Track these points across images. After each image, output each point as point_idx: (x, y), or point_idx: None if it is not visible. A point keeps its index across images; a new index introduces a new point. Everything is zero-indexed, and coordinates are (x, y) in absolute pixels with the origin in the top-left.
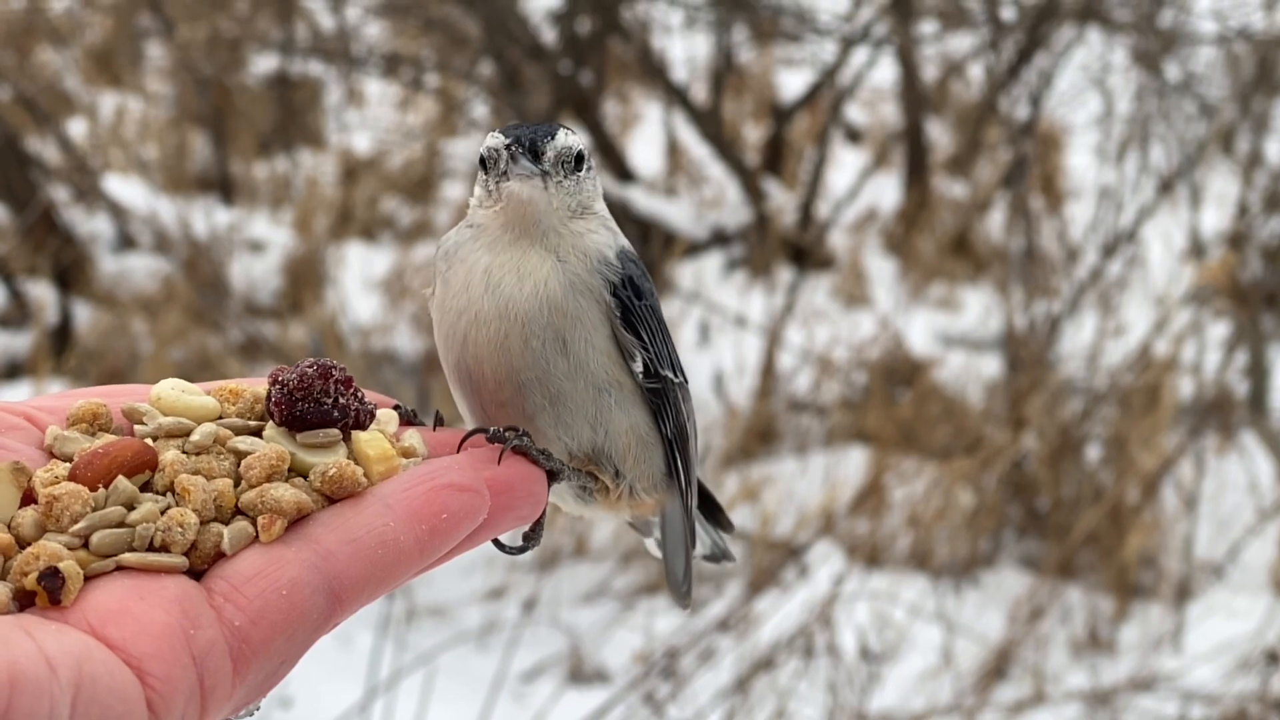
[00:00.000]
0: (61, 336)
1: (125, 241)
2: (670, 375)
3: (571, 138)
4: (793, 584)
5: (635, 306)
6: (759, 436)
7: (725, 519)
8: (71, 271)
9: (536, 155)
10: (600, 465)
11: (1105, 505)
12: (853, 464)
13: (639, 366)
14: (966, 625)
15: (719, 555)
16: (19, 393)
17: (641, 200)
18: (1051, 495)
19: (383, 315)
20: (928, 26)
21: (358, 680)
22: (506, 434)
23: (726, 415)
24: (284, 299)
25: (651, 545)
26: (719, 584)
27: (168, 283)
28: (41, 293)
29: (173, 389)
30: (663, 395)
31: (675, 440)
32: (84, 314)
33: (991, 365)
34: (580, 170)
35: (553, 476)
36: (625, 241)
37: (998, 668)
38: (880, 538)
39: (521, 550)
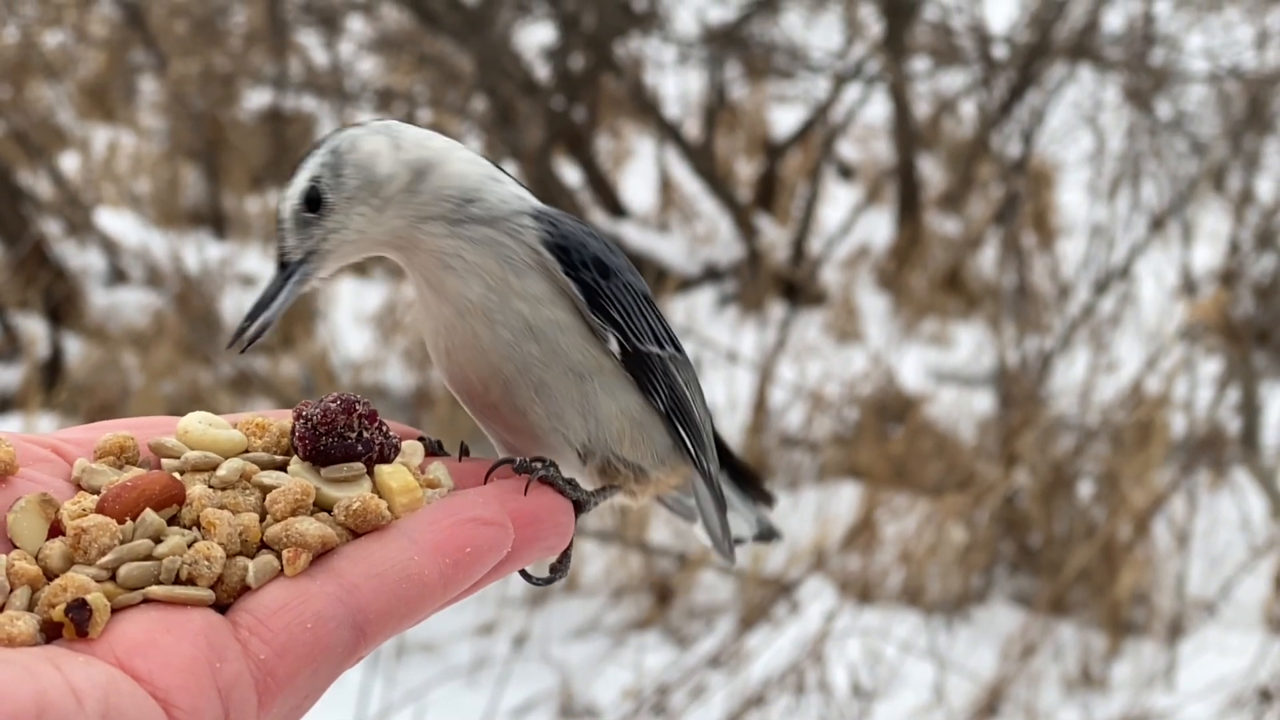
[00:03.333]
0: (52, 370)
1: (117, 275)
2: (655, 350)
3: (293, 184)
4: (784, 620)
5: (602, 287)
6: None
7: (766, 493)
8: (63, 305)
9: (284, 262)
10: (612, 469)
11: (1097, 542)
12: (844, 500)
13: (613, 347)
14: (958, 662)
15: (766, 534)
16: (9, 426)
17: (634, 236)
18: (1044, 532)
19: (374, 350)
20: (920, 64)
21: (347, 716)
22: (534, 464)
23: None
24: (275, 333)
25: (699, 530)
26: (710, 620)
27: (159, 317)
28: (32, 327)
29: (200, 422)
30: (648, 371)
31: (673, 413)
32: (75, 348)
33: (983, 401)
34: (317, 210)
35: (579, 507)
36: (537, 205)
37: (990, 705)
38: (872, 574)
39: (549, 581)
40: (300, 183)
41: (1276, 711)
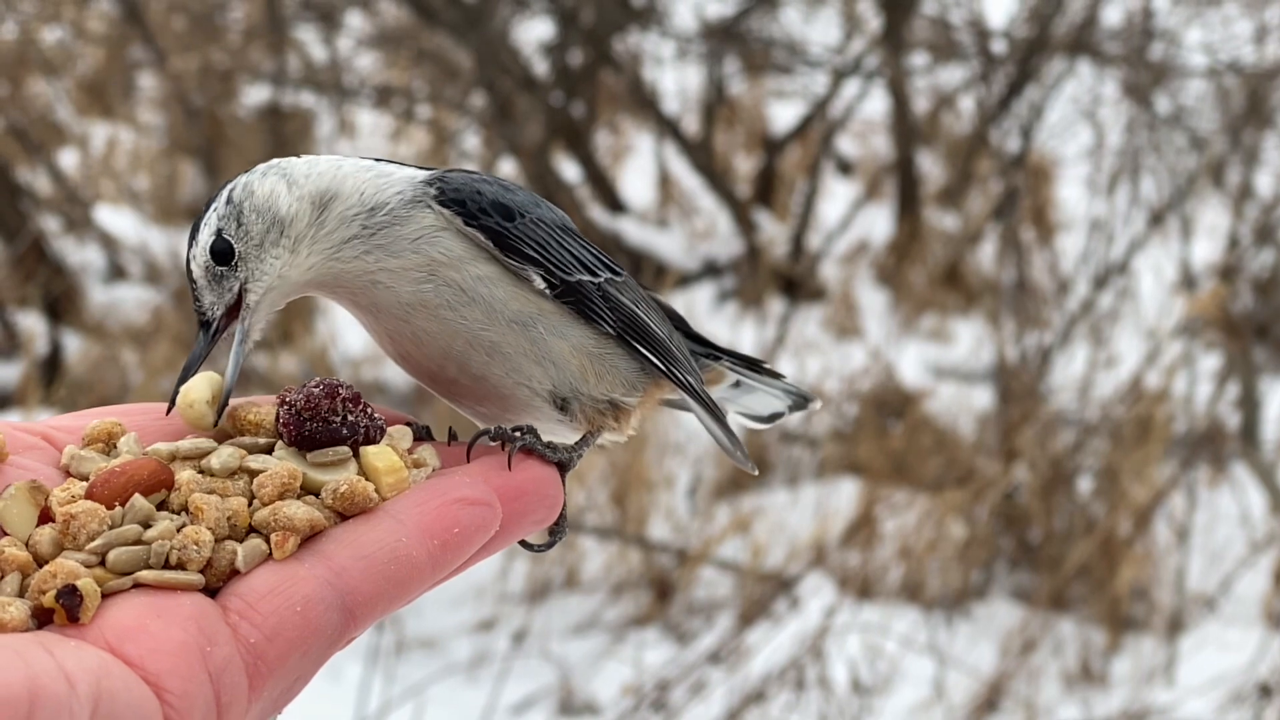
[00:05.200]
0: (51, 367)
1: (116, 272)
2: (586, 278)
3: (198, 242)
4: (784, 616)
5: (508, 229)
6: None
7: (773, 371)
8: (62, 302)
9: (205, 320)
10: (589, 409)
11: (1097, 537)
12: (844, 496)
13: (539, 284)
14: (958, 657)
15: (801, 402)
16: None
17: (633, 231)
18: (1043, 527)
19: (373, 346)
20: (919, 59)
21: (347, 713)
22: (513, 433)
23: (718, 447)
24: (275, 329)
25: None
26: (709, 616)
27: (158, 313)
28: (31, 323)
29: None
30: (585, 300)
31: (626, 334)
32: (74, 344)
33: (983, 397)
34: (228, 262)
35: (563, 468)
36: (428, 174)
37: (990, 700)
38: (872, 570)
39: (548, 546)
40: (205, 238)
41: (1276, 707)
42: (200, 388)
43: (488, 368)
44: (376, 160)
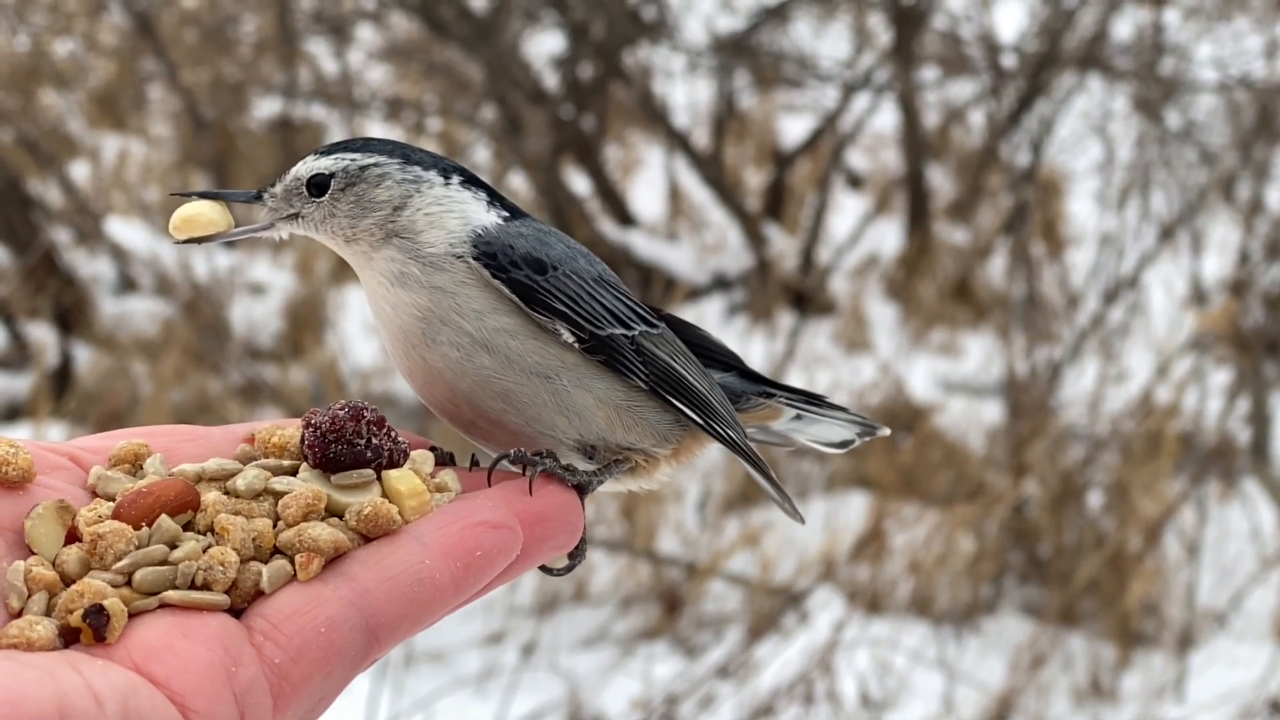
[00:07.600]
0: (61, 378)
1: (126, 284)
2: (619, 331)
3: (304, 166)
4: (793, 630)
5: (538, 283)
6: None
7: (835, 404)
8: (72, 313)
9: (260, 196)
10: (620, 456)
11: (1107, 552)
12: (853, 510)
13: (568, 338)
14: (968, 672)
15: (867, 430)
16: (19, 434)
17: (642, 245)
18: (1053, 542)
19: (382, 359)
20: (929, 73)
21: None
22: (532, 457)
23: (727, 460)
24: (284, 342)
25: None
26: (718, 630)
27: (168, 325)
28: (42, 334)
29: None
30: (616, 354)
31: (660, 388)
32: (84, 356)
33: (993, 411)
34: (322, 195)
35: (582, 490)
36: (485, 222)
37: (999, 716)
38: (881, 584)
39: (567, 569)
40: (321, 164)
41: None
42: (207, 204)
43: (504, 414)
44: (490, 201)
